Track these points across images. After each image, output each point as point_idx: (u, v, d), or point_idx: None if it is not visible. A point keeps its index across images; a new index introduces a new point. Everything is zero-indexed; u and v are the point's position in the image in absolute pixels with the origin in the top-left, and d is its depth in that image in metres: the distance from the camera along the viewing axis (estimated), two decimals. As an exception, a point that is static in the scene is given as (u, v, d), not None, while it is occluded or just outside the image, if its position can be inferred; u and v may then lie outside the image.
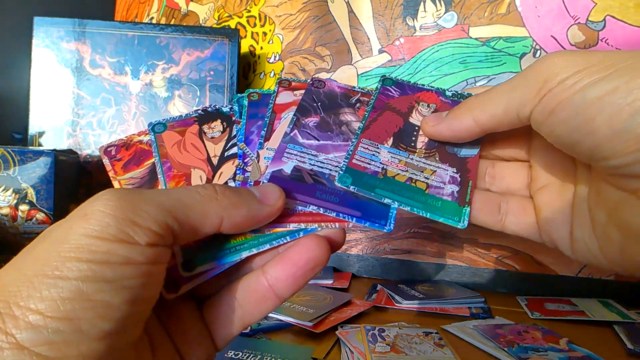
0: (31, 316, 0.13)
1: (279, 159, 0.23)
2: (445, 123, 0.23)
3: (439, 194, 0.23)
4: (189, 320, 0.20)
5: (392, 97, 0.26)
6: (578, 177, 0.22)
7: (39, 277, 0.14)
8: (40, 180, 0.49)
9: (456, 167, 0.24)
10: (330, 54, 0.62)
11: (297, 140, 0.24)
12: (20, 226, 0.49)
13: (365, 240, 0.56)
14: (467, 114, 0.22)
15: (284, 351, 0.33)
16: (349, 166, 0.23)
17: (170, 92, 0.62)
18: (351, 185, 0.22)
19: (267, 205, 0.20)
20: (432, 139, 0.24)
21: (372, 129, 0.24)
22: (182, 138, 0.24)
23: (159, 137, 0.24)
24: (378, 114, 0.25)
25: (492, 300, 0.46)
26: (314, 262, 0.20)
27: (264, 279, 0.20)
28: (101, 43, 0.61)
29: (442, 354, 0.33)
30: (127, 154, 0.24)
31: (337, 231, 0.22)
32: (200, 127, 0.24)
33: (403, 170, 0.23)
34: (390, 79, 0.26)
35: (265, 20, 0.69)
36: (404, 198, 0.22)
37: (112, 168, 0.23)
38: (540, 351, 0.34)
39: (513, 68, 0.51)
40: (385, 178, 0.23)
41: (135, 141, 0.24)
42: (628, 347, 0.35)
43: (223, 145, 0.24)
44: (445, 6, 0.54)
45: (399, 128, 0.25)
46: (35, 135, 0.60)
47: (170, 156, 0.23)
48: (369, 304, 0.44)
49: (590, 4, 0.48)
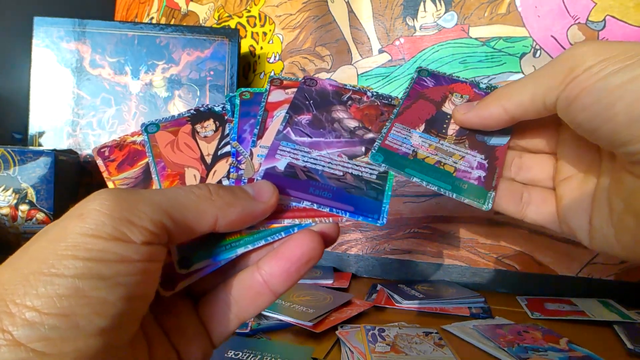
0: (27, 313, 0.13)
1: (273, 157, 0.23)
2: (474, 111, 0.24)
3: (466, 177, 0.24)
4: (185, 317, 0.21)
5: (427, 87, 0.27)
6: (602, 169, 0.22)
7: (35, 274, 0.14)
8: (40, 180, 0.49)
9: (484, 155, 0.25)
10: (330, 54, 0.62)
11: (290, 137, 0.24)
12: (20, 226, 0.49)
13: (365, 240, 0.56)
14: (496, 102, 0.23)
15: (284, 351, 0.33)
16: (381, 146, 0.24)
17: (170, 92, 0.62)
18: (382, 163, 0.23)
19: (261, 202, 0.20)
20: (463, 126, 0.25)
21: (405, 115, 0.25)
22: (175, 138, 0.24)
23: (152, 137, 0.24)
24: (412, 101, 0.26)
25: (492, 300, 0.46)
26: (308, 257, 0.20)
27: (259, 274, 0.20)
28: (101, 43, 0.61)
29: (442, 354, 0.33)
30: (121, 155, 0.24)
31: (331, 226, 0.22)
32: (193, 126, 0.25)
33: (433, 153, 0.24)
34: (427, 70, 0.28)
35: (265, 20, 0.69)
36: (432, 179, 0.23)
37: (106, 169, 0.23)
38: (540, 351, 0.34)
39: (513, 68, 0.51)
40: (415, 159, 0.24)
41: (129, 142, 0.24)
42: (628, 347, 0.35)
43: (216, 144, 0.24)
44: (445, 6, 0.54)
45: (432, 115, 0.26)
46: (35, 135, 0.60)
47: (163, 156, 0.24)
48: (369, 304, 0.44)
49: (590, 4, 0.48)
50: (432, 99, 0.26)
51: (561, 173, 0.24)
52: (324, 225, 0.22)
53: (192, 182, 0.23)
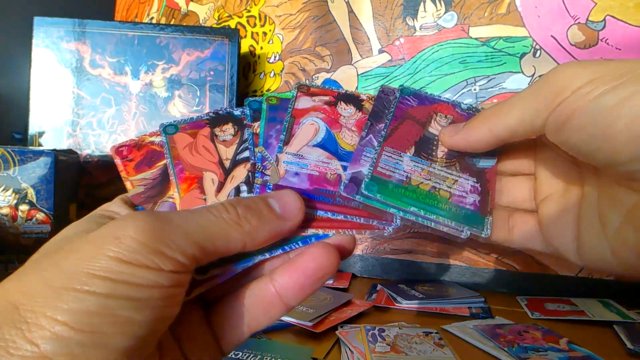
0: (57, 327, 0.14)
1: (358, 162, 0.23)
2: (461, 134, 0.23)
3: (462, 202, 0.23)
4: (196, 325, 0.20)
5: (411, 106, 0.26)
6: (585, 184, 0.22)
7: (67, 290, 0.14)
8: (40, 180, 0.49)
9: (476, 177, 0.24)
10: (330, 54, 0.62)
11: (372, 144, 0.24)
12: (20, 226, 0.49)
13: (365, 240, 0.56)
14: (483, 124, 0.22)
15: (284, 351, 0.33)
16: (374, 174, 0.23)
17: (170, 92, 0.62)
18: (377, 194, 0.22)
19: (289, 220, 0.20)
20: (451, 149, 0.25)
21: (394, 137, 0.25)
22: (194, 140, 0.24)
23: (171, 139, 0.24)
24: (399, 122, 0.25)
25: (492, 300, 0.46)
26: (323, 271, 0.20)
27: (272, 286, 0.20)
28: (101, 43, 0.61)
29: (442, 354, 0.33)
30: (139, 155, 0.23)
31: (348, 238, 0.22)
32: (212, 129, 0.24)
33: (426, 179, 0.23)
34: (408, 88, 0.27)
35: (265, 20, 0.69)
36: (430, 207, 0.22)
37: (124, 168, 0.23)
38: (540, 351, 0.34)
39: (513, 68, 0.51)
40: (410, 186, 0.23)
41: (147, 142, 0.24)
42: (628, 347, 0.35)
43: (235, 149, 0.24)
44: (445, 6, 0.54)
45: (420, 137, 0.25)
46: (35, 135, 0.60)
47: (182, 158, 0.23)
48: (369, 304, 0.44)
49: (590, 4, 0.48)
50: (417, 119, 0.26)
51: (540, 193, 0.24)
52: (341, 237, 0.22)
53: (210, 186, 0.23)
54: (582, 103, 0.18)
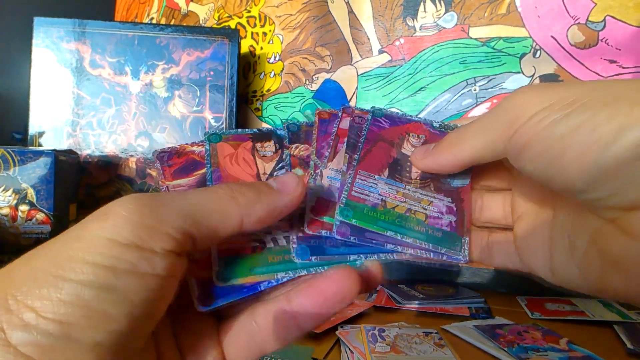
0: (26, 314, 0.13)
1: None
2: (431, 157, 0.23)
3: (438, 224, 0.23)
4: (205, 339, 0.20)
5: (383, 128, 0.26)
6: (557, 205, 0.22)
7: (43, 273, 0.14)
8: (40, 180, 0.49)
9: (451, 198, 0.24)
10: (330, 54, 0.62)
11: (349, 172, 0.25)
12: (20, 226, 0.49)
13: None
14: (448, 150, 0.22)
15: (284, 351, 0.33)
16: (348, 199, 0.22)
17: (170, 92, 0.62)
18: (353, 219, 0.22)
19: (286, 194, 0.19)
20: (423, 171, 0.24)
21: (367, 160, 0.24)
22: (235, 151, 0.24)
23: (213, 147, 0.24)
24: (371, 145, 0.25)
25: (492, 300, 0.46)
26: (342, 295, 0.19)
27: (289, 306, 0.19)
28: (101, 43, 0.61)
29: (442, 354, 0.33)
30: (179, 162, 0.24)
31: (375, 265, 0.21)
32: (254, 144, 0.25)
33: (402, 201, 0.23)
34: (380, 109, 0.27)
35: (265, 21, 0.69)
36: (407, 230, 0.22)
37: (163, 173, 0.23)
38: (540, 351, 0.34)
39: (513, 68, 0.51)
40: (386, 210, 0.23)
41: (188, 151, 0.24)
42: (628, 347, 0.35)
43: (273, 165, 0.24)
44: (445, 6, 0.55)
45: (393, 159, 0.25)
46: (35, 135, 0.60)
47: (221, 166, 0.24)
48: (369, 304, 0.44)
49: (590, 4, 0.48)
50: (390, 140, 0.25)
51: (516, 210, 0.24)
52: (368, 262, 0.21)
53: None
54: (536, 131, 0.18)
